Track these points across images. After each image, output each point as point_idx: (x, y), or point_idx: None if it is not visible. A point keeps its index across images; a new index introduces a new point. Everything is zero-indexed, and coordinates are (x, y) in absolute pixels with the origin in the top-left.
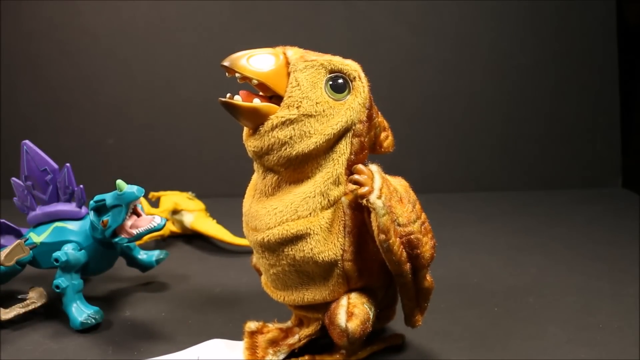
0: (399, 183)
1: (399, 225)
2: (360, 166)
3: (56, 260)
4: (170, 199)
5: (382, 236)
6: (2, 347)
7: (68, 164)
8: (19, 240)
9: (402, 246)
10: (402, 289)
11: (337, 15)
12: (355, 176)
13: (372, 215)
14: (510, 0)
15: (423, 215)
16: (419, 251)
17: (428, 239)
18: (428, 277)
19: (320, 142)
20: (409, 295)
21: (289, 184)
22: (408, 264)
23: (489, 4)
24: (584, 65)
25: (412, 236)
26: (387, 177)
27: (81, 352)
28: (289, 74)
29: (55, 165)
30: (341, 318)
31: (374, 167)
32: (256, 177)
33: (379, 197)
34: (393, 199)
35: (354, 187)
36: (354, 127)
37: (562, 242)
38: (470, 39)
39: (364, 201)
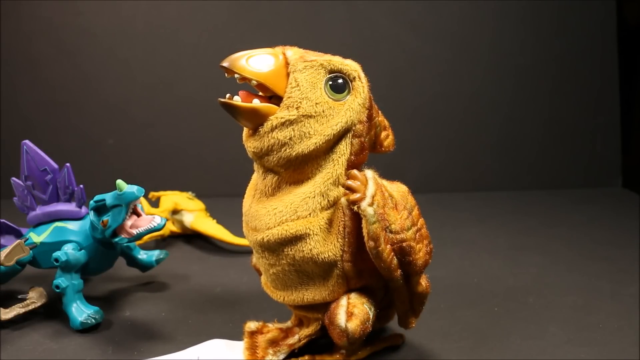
0: (396, 189)
1: (391, 232)
2: (354, 172)
3: (56, 260)
4: (170, 199)
5: (372, 243)
6: (2, 347)
7: (68, 164)
8: (19, 240)
9: (392, 253)
10: (395, 293)
11: (337, 15)
12: (349, 182)
13: (363, 221)
14: (510, 0)
15: (420, 222)
16: (411, 258)
17: (423, 246)
18: (423, 282)
19: (320, 142)
20: (402, 298)
21: (289, 184)
22: (399, 270)
23: (489, 4)
24: (584, 65)
25: (404, 244)
26: (385, 182)
27: (81, 352)
28: (288, 75)
29: (55, 165)
30: (341, 318)
31: (369, 173)
32: (256, 177)
33: (371, 205)
34: (387, 205)
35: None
36: (354, 128)
37: (562, 242)
38: (470, 39)
39: (355, 207)
